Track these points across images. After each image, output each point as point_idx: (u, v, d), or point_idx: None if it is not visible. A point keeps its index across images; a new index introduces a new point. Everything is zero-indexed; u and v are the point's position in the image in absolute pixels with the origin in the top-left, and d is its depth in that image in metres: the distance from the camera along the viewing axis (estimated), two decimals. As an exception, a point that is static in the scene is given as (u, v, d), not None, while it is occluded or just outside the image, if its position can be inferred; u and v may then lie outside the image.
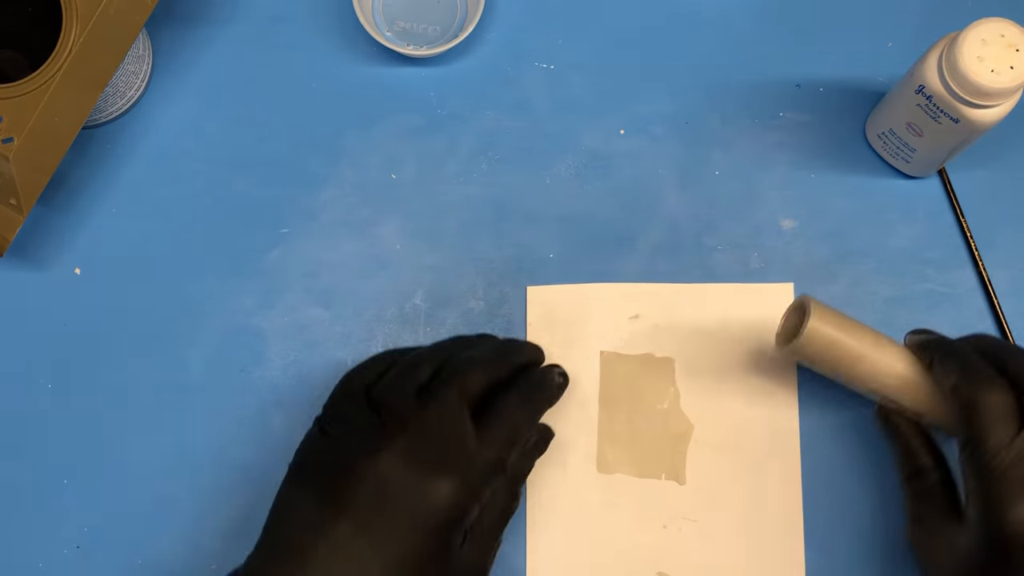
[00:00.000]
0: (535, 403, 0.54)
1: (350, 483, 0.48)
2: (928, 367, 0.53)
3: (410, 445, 0.49)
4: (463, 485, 0.49)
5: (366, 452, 0.49)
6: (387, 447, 0.49)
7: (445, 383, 0.50)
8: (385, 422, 0.49)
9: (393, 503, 0.48)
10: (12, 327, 0.62)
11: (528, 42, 0.65)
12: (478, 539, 0.51)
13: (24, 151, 0.56)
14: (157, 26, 0.65)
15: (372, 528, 0.48)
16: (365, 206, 0.63)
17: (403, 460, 0.48)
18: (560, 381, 0.55)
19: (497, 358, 0.54)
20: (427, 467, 0.49)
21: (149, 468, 0.60)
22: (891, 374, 0.54)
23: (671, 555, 0.58)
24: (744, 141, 0.63)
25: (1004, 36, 0.51)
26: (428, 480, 0.48)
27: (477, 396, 0.51)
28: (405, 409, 0.50)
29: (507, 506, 0.52)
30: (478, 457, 0.50)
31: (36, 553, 0.59)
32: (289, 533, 0.49)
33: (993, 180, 0.63)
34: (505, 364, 0.54)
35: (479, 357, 0.53)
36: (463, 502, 0.49)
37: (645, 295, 0.61)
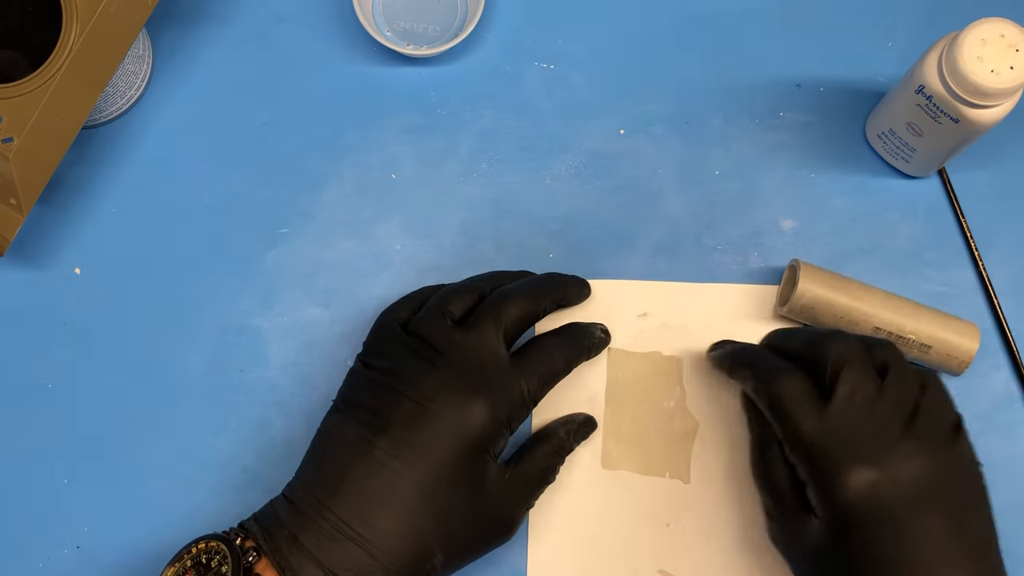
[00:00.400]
0: (572, 347, 0.55)
1: (388, 407, 0.50)
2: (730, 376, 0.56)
3: (446, 370, 0.51)
4: (493, 408, 0.50)
5: (404, 378, 0.51)
6: (424, 372, 0.51)
7: (482, 314, 0.53)
8: (422, 350, 0.52)
9: (427, 424, 0.50)
10: (12, 327, 0.62)
11: (528, 42, 0.65)
12: (514, 488, 0.53)
13: (24, 151, 0.56)
14: (157, 26, 0.65)
15: (407, 448, 0.49)
16: (365, 206, 0.63)
17: (439, 384, 0.50)
18: (602, 336, 0.58)
19: (535, 291, 0.55)
20: (460, 390, 0.50)
21: (149, 468, 0.60)
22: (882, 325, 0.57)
23: (673, 553, 0.58)
24: (744, 141, 0.63)
25: (1004, 36, 0.51)
26: (461, 402, 0.50)
27: (514, 327, 0.53)
28: (442, 337, 0.52)
29: (543, 475, 0.54)
30: (509, 383, 0.51)
31: (36, 553, 0.59)
32: (330, 456, 0.51)
33: (993, 180, 0.63)
34: (545, 297, 0.55)
35: (516, 289, 0.55)
36: (492, 425, 0.51)
37: (653, 293, 0.61)
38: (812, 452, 0.49)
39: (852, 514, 0.47)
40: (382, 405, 0.51)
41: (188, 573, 0.49)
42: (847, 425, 0.48)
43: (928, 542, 0.47)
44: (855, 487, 0.47)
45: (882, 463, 0.47)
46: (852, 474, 0.47)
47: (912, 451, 0.48)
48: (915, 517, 0.47)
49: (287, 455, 0.60)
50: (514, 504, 0.53)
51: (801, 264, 0.58)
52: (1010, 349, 0.60)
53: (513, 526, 0.53)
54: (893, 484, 0.47)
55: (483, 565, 0.56)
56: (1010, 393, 0.60)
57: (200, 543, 0.50)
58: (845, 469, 0.47)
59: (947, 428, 0.50)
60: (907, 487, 0.47)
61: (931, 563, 0.46)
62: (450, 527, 0.50)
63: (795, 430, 0.49)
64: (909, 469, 0.47)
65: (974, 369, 0.60)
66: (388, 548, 0.48)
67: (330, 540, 0.48)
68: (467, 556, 0.52)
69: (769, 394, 0.51)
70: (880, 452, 0.48)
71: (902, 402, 0.49)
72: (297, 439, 0.60)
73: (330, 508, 0.49)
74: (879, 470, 0.47)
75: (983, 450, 0.60)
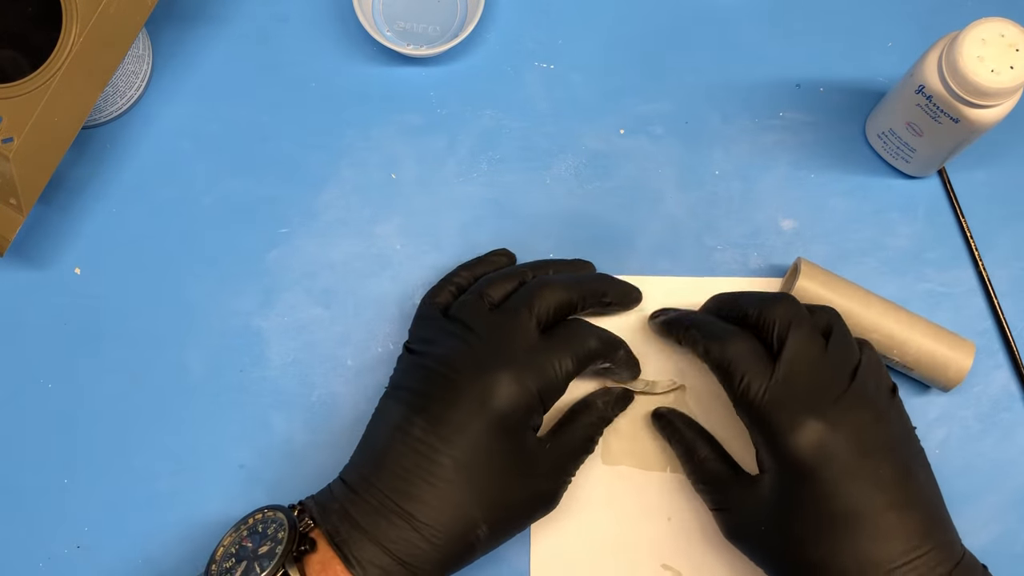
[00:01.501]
0: (607, 332, 0.56)
1: (429, 385, 0.52)
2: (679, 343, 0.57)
3: (477, 347, 0.52)
4: (521, 381, 0.51)
5: (439, 357, 0.53)
6: (457, 350, 0.52)
7: (518, 297, 0.54)
8: (458, 331, 0.53)
9: (459, 399, 0.51)
10: (12, 327, 0.62)
11: (528, 42, 0.65)
12: (553, 458, 0.54)
13: (24, 151, 0.56)
14: (157, 26, 0.65)
15: (443, 423, 0.51)
16: (365, 206, 0.63)
17: (473, 362, 0.52)
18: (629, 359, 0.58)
19: (576, 282, 0.56)
20: (493, 366, 0.51)
21: (149, 468, 0.60)
22: (878, 330, 0.57)
23: (675, 547, 0.58)
24: (744, 141, 0.63)
25: (1004, 36, 0.51)
26: (490, 376, 0.51)
27: (549, 313, 0.54)
28: (477, 317, 0.53)
29: (583, 445, 0.56)
30: (539, 358, 0.52)
31: (36, 553, 0.59)
32: (376, 436, 0.53)
33: (993, 180, 0.63)
34: (584, 289, 0.56)
35: (557, 278, 0.56)
36: (522, 397, 0.51)
37: (651, 288, 0.61)
38: (763, 410, 0.50)
39: (803, 466, 0.49)
40: (421, 384, 0.53)
41: (245, 540, 0.51)
42: (795, 383, 0.50)
43: (879, 488, 0.48)
44: (805, 440, 0.49)
45: (827, 415, 0.49)
46: (801, 428, 0.49)
47: (857, 404, 0.50)
48: (864, 466, 0.49)
49: (287, 454, 0.60)
50: (554, 474, 0.54)
51: (803, 263, 0.58)
52: (1010, 349, 0.60)
53: (555, 496, 0.54)
54: (841, 435, 0.49)
55: (486, 562, 0.56)
56: (1010, 393, 0.60)
57: (258, 513, 0.52)
58: (795, 424, 0.49)
59: (885, 388, 0.52)
60: (854, 438, 0.49)
61: (881, 508, 0.48)
62: (491, 498, 0.51)
63: (746, 390, 0.51)
64: (855, 421, 0.49)
65: (974, 369, 0.60)
66: (431, 521, 0.50)
67: (377, 514, 0.50)
68: (512, 526, 0.53)
69: (722, 356, 0.52)
70: (826, 406, 0.49)
71: (844, 361, 0.51)
72: (297, 439, 0.60)
73: (375, 484, 0.50)
74: (825, 422, 0.49)
75: (983, 450, 0.60)
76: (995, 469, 0.59)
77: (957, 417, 0.60)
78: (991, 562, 0.51)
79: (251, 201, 0.63)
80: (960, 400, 0.60)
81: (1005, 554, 0.58)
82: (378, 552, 0.49)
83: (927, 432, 0.60)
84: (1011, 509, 0.59)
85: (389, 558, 0.49)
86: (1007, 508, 0.59)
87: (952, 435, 0.60)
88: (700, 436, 0.57)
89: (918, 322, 0.58)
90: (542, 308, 0.54)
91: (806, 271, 0.58)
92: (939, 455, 0.59)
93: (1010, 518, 0.59)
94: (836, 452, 0.49)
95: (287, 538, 0.49)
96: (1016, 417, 0.60)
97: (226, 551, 0.51)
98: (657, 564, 0.58)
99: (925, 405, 0.60)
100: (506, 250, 0.61)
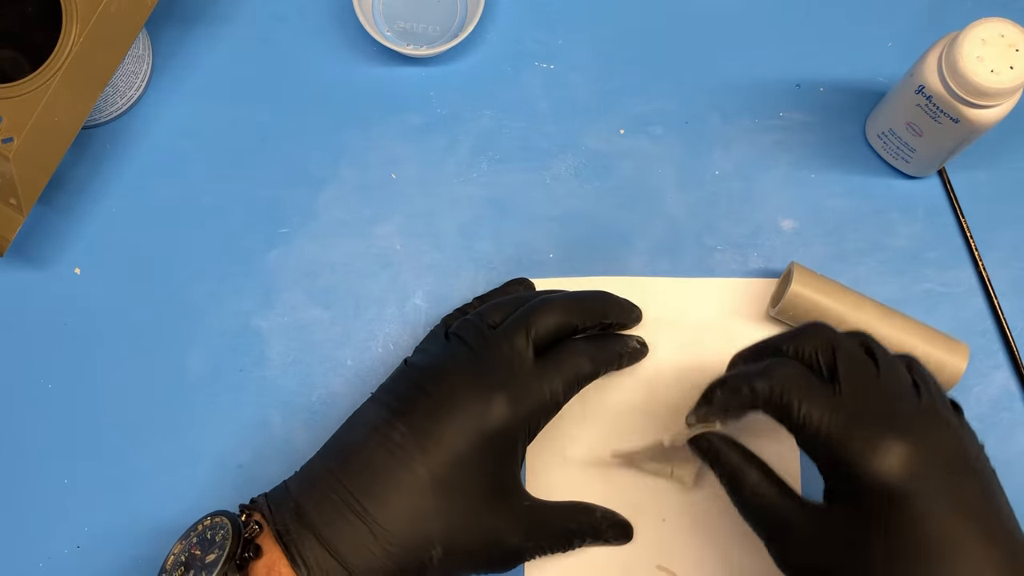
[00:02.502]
0: (602, 352, 0.55)
1: (415, 392, 0.52)
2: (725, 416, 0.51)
3: (472, 367, 0.52)
4: (512, 404, 0.51)
5: (432, 371, 0.52)
6: (453, 364, 0.52)
7: (515, 320, 0.53)
8: (455, 347, 0.53)
9: (446, 414, 0.50)
10: (12, 327, 0.62)
11: (528, 42, 0.65)
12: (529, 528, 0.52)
13: (24, 151, 0.56)
14: (157, 26, 0.65)
15: (424, 434, 0.50)
16: (365, 206, 0.63)
17: (464, 379, 0.51)
18: (637, 347, 0.58)
19: (575, 304, 0.55)
20: (483, 385, 0.51)
21: (149, 468, 0.60)
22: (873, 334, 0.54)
23: (670, 548, 0.58)
24: (744, 141, 0.63)
25: (1004, 36, 0.51)
26: (482, 395, 0.50)
27: (546, 334, 0.53)
28: (475, 339, 0.53)
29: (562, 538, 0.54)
30: (532, 382, 0.51)
31: (36, 553, 0.59)
32: (350, 434, 0.53)
33: (993, 180, 0.63)
34: (584, 311, 0.55)
35: (555, 299, 0.55)
36: (511, 421, 0.51)
37: (647, 288, 0.61)
38: (833, 436, 0.46)
39: (892, 490, 0.45)
40: (407, 391, 0.52)
41: (194, 548, 0.50)
42: (862, 402, 0.46)
43: (967, 509, 0.45)
44: (891, 462, 0.44)
45: (910, 433, 0.45)
46: (885, 449, 0.45)
47: (933, 421, 0.46)
48: (951, 486, 0.45)
49: (287, 454, 0.60)
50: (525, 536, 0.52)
51: (796, 267, 0.58)
52: (1010, 349, 0.60)
53: (517, 556, 0.52)
54: (926, 454, 0.45)
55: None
56: (1010, 393, 0.60)
57: (207, 519, 0.51)
58: (876, 445, 0.45)
59: (951, 405, 0.49)
60: (938, 457, 0.45)
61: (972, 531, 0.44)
62: (454, 522, 0.50)
63: (807, 418, 0.46)
64: (935, 438, 0.45)
65: (974, 369, 0.60)
66: (390, 526, 0.49)
67: (334, 511, 0.49)
68: (463, 563, 0.51)
69: (768, 391, 0.47)
70: (904, 423, 0.45)
71: (901, 379, 0.47)
72: (297, 439, 0.60)
73: (340, 479, 0.50)
74: (908, 441, 0.45)
75: (983, 450, 0.60)
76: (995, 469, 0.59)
77: (957, 417, 0.60)
78: (991, 562, 0.51)
79: (251, 201, 0.63)
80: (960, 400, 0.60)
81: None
82: (325, 555, 0.48)
83: (927, 432, 0.60)
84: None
85: (336, 562, 0.48)
86: (1007, 508, 0.59)
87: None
88: (748, 460, 0.50)
89: (912, 325, 0.58)
90: (540, 329, 0.53)
91: (799, 277, 0.58)
92: (939, 455, 0.59)
93: (1010, 518, 0.59)
94: (924, 473, 0.44)
95: (230, 545, 0.48)
96: (1016, 417, 0.60)
97: (176, 559, 0.50)
98: (652, 565, 0.58)
99: (925, 405, 0.60)
100: (524, 279, 0.60)
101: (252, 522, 0.50)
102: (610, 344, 0.56)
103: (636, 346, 0.58)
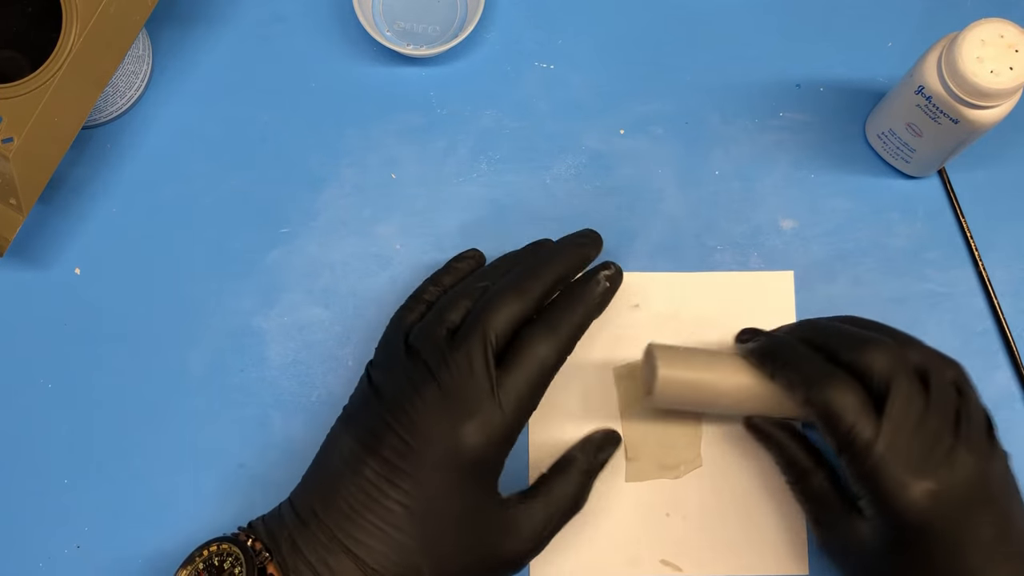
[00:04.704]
0: (565, 332, 0.52)
1: (382, 427, 0.50)
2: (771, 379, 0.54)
3: (437, 393, 0.50)
4: (483, 432, 0.50)
5: (398, 399, 0.51)
6: (416, 394, 0.50)
7: (470, 327, 0.51)
8: (415, 372, 0.51)
9: (419, 447, 0.49)
10: (12, 327, 0.62)
11: (528, 42, 0.65)
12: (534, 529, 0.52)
13: (24, 151, 0.56)
14: (157, 26, 0.65)
15: (397, 470, 0.49)
16: (365, 206, 0.63)
17: (430, 407, 0.50)
18: (605, 287, 0.54)
19: (524, 284, 0.52)
20: (451, 413, 0.50)
21: (149, 468, 0.60)
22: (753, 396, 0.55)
23: (674, 543, 0.58)
24: (744, 141, 0.63)
25: (1003, 37, 0.51)
26: (452, 425, 0.49)
27: (505, 335, 0.51)
28: (434, 357, 0.51)
29: (572, 505, 0.53)
30: (498, 400, 0.50)
31: (36, 553, 0.59)
32: (327, 466, 0.52)
33: (993, 180, 0.63)
34: (534, 290, 0.52)
35: (503, 291, 0.52)
36: (486, 448, 0.50)
37: (646, 284, 0.61)
38: (872, 466, 0.49)
39: (912, 523, 0.48)
40: (373, 422, 0.51)
41: (201, 574, 0.50)
42: (902, 440, 0.49)
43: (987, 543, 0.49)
44: (917, 499, 0.48)
45: (938, 473, 0.48)
46: (913, 487, 0.48)
47: (963, 459, 0.49)
48: (971, 521, 0.49)
49: (287, 455, 0.60)
50: (533, 538, 0.52)
51: (657, 350, 0.55)
52: (1010, 349, 0.60)
53: (514, 562, 0.52)
54: (950, 492, 0.48)
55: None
56: (1010, 393, 0.60)
57: (212, 545, 0.50)
58: (906, 482, 0.48)
59: (985, 430, 0.51)
60: (962, 493, 0.48)
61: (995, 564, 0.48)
62: (441, 550, 0.50)
63: (852, 442, 0.49)
64: (962, 476, 0.49)
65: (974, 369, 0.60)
66: (378, 566, 0.49)
67: (325, 550, 0.49)
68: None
69: (828, 406, 0.50)
70: (936, 463, 0.49)
71: (947, 411, 0.50)
72: (297, 439, 0.60)
73: (323, 520, 0.50)
74: (936, 481, 0.48)
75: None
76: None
77: (957, 417, 0.60)
78: (991, 562, 0.51)
79: (251, 201, 0.63)
80: (960, 400, 0.60)
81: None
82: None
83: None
84: (1011, 509, 0.59)
85: None
86: (1007, 508, 0.59)
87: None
88: (805, 449, 0.55)
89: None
90: (498, 334, 0.51)
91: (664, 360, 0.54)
92: (939, 455, 0.59)
93: (1010, 518, 0.59)
94: (943, 510, 0.48)
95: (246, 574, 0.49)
96: (1016, 417, 0.60)
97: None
98: (656, 560, 0.58)
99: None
100: (474, 251, 0.59)
101: (260, 551, 0.50)
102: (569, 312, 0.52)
103: (604, 287, 0.54)
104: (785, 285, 0.61)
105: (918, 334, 0.60)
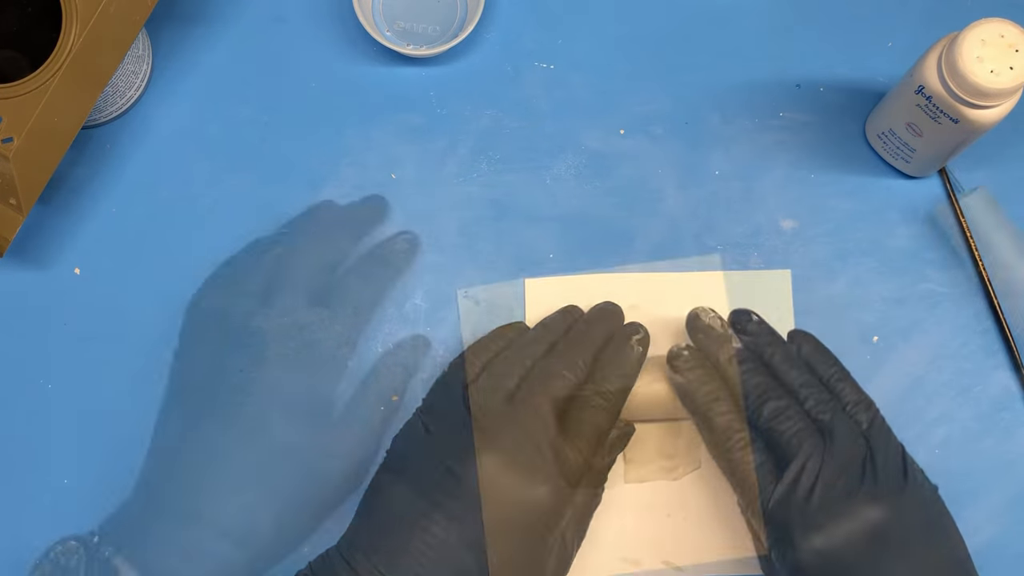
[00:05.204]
0: (615, 399, 0.54)
1: (446, 481, 0.50)
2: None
3: (503, 451, 0.50)
4: (555, 489, 0.50)
5: (461, 453, 0.50)
6: (482, 451, 0.50)
7: (533, 392, 0.52)
8: (479, 426, 0.51)
9: (488, 505, 0.49)
10: (12, 327, 0.62)
11: (528, 42, 0.65)
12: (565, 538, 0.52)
13: (24, 151, 0.56)
14: (157, 26, 0.65)
15: (466, 526, 0.49)
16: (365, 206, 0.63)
17: (496, 465, 0.50)
18: (639, 352, 0.56)
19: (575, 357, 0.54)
20: (520, 472, 0.50)
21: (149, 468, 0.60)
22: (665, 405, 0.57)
23: (675, 544, 0.58)
24: (744, 141, 0.63)
25: (1004, 37, 0.51)
26: (521, 485, 0.50)
27: (564, 401, 0.53)
28: (497, 415, 0.51)
29: (588, 504, 0.54)
30: (568, 462, 0.51)
31: (36, 553, 0.59)
32: (386, 521, 0.51)
33: (993, 180, 0.63)
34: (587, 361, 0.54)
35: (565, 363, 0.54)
36: (556, 505, 0.51)
37: (643, 284, 0.61)
38: (769, 523, 0.51)
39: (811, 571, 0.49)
40: (439, 476, 0.50)
41: None
42: (799, 496, 0.50)
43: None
44: (806, 555, 0.49)
45: (826, 528, 0.49)
46: (803, 544, 0.49)
47: (862, 510, 0.49)
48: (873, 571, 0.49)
49: (287, 456, 0.60)
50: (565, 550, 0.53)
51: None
52: (1010, 349, 0.60)
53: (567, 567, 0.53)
54: (843, 546, 0.49)
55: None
56: (1010, 393, 0.60)
57: None
58: (796, 539, 0.49)
59: (896, 470, 0.51)
60: (859, 544, 0.49)
61: None
62: None
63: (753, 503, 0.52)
64: (859, 528, 0.49)
65: (974, 369, 0.60)
66: None
67: None
68: None
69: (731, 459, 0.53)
70: (833, 517, 0.49)
71: (850, 465, 0.50)
72: (297, 440, 0.60)
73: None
74: (826, 536, 0.49)
75: (983, 450, 0.60)
76: (995, 469, 0.59)
77: (957, 418, 0.60)
78: (991, 562, 0.52)
79: (251, 201, 0.63)
80: (960, 400, 0.60)
81: (1005, 554, 0.58)
82: None
83: (927, 432, 0.60)
84: (1011, 509, 0.59)
85: None
86: (1007, 508, 0.59)
87: (952, 435, 0.60)
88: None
89: None
90: (560, 396, 0.52)
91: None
92: (939, 455, 0.59)
93: (1010, 518, 0.59)
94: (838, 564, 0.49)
95: None
96: (1016, 417, 0.60)
97: None
98: (658, 561, 0.58)
99: (925, 406, 0.60)
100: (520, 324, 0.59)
101: None
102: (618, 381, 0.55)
103: (638, 351, 0.56)
104: (783, 284, 0.61)
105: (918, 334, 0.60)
